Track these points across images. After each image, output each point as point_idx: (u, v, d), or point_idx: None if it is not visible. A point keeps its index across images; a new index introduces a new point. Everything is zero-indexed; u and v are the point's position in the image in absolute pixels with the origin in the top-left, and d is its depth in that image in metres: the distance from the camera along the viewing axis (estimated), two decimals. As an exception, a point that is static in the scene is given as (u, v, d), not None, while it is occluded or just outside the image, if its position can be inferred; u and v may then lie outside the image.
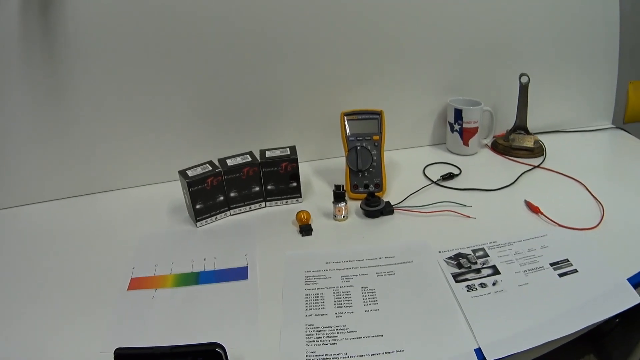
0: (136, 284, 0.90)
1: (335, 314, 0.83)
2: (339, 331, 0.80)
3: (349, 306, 0.85)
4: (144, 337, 0.78)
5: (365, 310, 0.84)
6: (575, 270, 0.93)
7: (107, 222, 1.14)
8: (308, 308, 0.85)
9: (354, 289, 0.88)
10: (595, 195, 1.16)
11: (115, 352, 0.66)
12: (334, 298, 0.87)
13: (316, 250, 1.00)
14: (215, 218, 1.10)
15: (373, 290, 0.88)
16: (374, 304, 0.85)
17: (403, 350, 0.77)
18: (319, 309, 0.84)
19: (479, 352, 0.77)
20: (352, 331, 0.80)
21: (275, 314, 0.84)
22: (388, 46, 1.31)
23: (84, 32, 1.10)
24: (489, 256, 0.98)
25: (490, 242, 1.02)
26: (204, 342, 0.67)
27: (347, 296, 0.87)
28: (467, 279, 0.92)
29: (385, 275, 0.92)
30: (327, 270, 0.93)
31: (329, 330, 0.80)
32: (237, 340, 0.78)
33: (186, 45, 1.17)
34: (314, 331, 0.80)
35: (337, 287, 0.89)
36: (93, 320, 0.83)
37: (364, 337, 0.79)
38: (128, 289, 0.89)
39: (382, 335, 0.79)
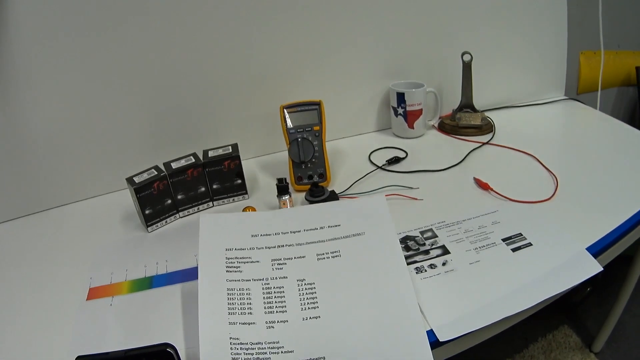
0: (94, 293, 0.90)
1: (266, 322, 0.68)
2: (271, 350, 0.66)
3: (283, 310, 0.69)
4: (104, 345, 0.77)
5: (303, 318, 0.68)
6: (530, 244, 0.88)
7: (62, 237, 1.09)
8: (232, 310, 0.69)
9: (288, 283, 0.71)
10: (548, 167, 1.13)
11: (75, 360, 0.66)
12: (264, 296, 0.70)
13: (240, 215, 0.83)
14: (166, 222, 1.08)
15: (312, 286, 0.72)
16: (314, 307, 0.70)
17: None
18: (245, 313, 0.69)
19: (431, 334, 0.72)
20: (287, 351, 0.66)
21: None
22: (324, 34, 1.27)
23: (20, 45, 1.04)
24: (437, 236, 0.92)
25: (439, 222, 0.97)
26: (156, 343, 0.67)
27: (279, 294, 0.71)
28: (415, 261, 0.86)
29: (328, 257, 0.75)
30: (254, 248, 0.75)
31: (258, 348, 0.66)
32: (191, 339, 0.75)
33: (121, 53, 1.12)
34: (241, 349, 0.66)
35: (267, 278, 0.72)
36: (55, 333, 0.81)
37: None
38: (87, 299, 0.88)
39: (323, 358, 0.65)
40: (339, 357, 0.66)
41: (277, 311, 0.70)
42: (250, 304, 0.70)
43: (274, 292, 0.72)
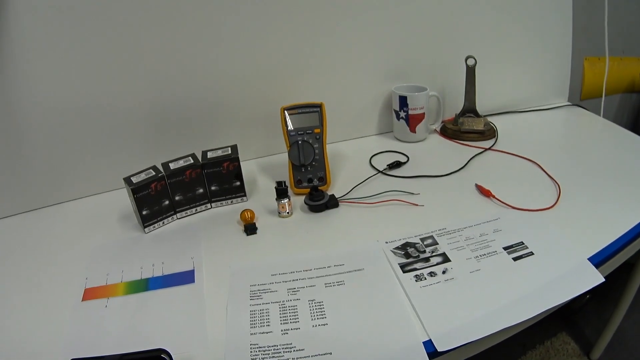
0: (90, 294, 0.89)
1: (281, 330, 0.77)
2: (285, 350, 0.73)
3: (296, 321, 0.78)
4: (99, 347, 0.78)
5: (313, 326, 0.77)
6: (531, 253, 0.87)
7: (58, 236, 1.08)
8: (253, 325, 0.78)
9: (301, 302, 0.82)
10: (550, 174, 1.12)
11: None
12: (280, 313, 0.80)
13: (262, 260, 0.93)
14: (163, 223, 1.07)
15: (321, 303, 0.81)
16: (322, 317, 0.79)
17: None
18: (264, 326, 0.78)
19: (429, 344, 0.72)
20: (299, 349, 0.73)
21: (221, 317, 0.81)
22: (327, 35, 1.25)
23: (20, 43, 1.03)
24: (438, 244, 0.92)
25: (440, 229, 0.96)
26: (151, 348, 0.69)
27: (293, 310, 0.80)
28: (415, 269, 0.86)
29: (334, 285, 0.85)
30: (272, 282, 0.87)
31: (274, 349, 0.73)
32: (186, 344, 0.77)
33: (122, 53, 1.11)
34: (259, 351, 0.73)
35: (283, 301, 0.83)
36: (50, 333, 0.81)
37: (311, 356, 0.72)
38: (82, 300, 0.88)
39: (330, 354, 0.72)
40: (344, 351, 0.72)
41: (290, 322, 0.78)
42: (268, 319, 0.79)
43: (289, 310, 0.81)
